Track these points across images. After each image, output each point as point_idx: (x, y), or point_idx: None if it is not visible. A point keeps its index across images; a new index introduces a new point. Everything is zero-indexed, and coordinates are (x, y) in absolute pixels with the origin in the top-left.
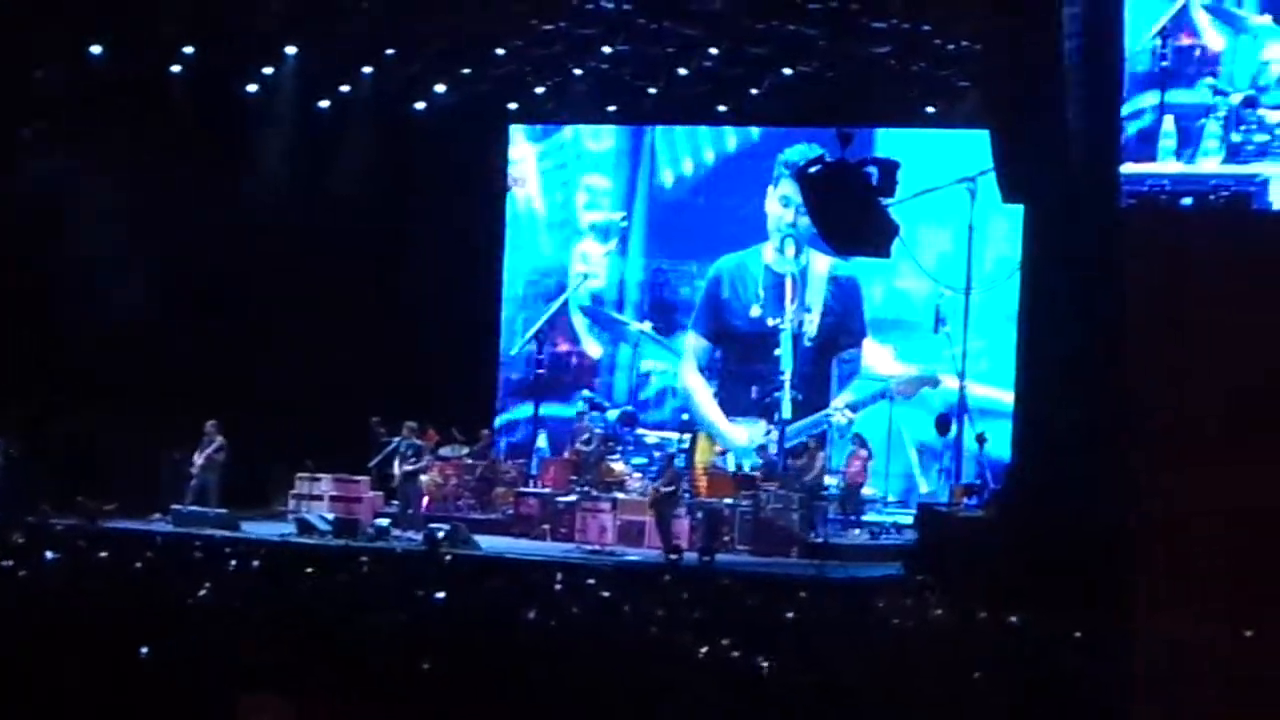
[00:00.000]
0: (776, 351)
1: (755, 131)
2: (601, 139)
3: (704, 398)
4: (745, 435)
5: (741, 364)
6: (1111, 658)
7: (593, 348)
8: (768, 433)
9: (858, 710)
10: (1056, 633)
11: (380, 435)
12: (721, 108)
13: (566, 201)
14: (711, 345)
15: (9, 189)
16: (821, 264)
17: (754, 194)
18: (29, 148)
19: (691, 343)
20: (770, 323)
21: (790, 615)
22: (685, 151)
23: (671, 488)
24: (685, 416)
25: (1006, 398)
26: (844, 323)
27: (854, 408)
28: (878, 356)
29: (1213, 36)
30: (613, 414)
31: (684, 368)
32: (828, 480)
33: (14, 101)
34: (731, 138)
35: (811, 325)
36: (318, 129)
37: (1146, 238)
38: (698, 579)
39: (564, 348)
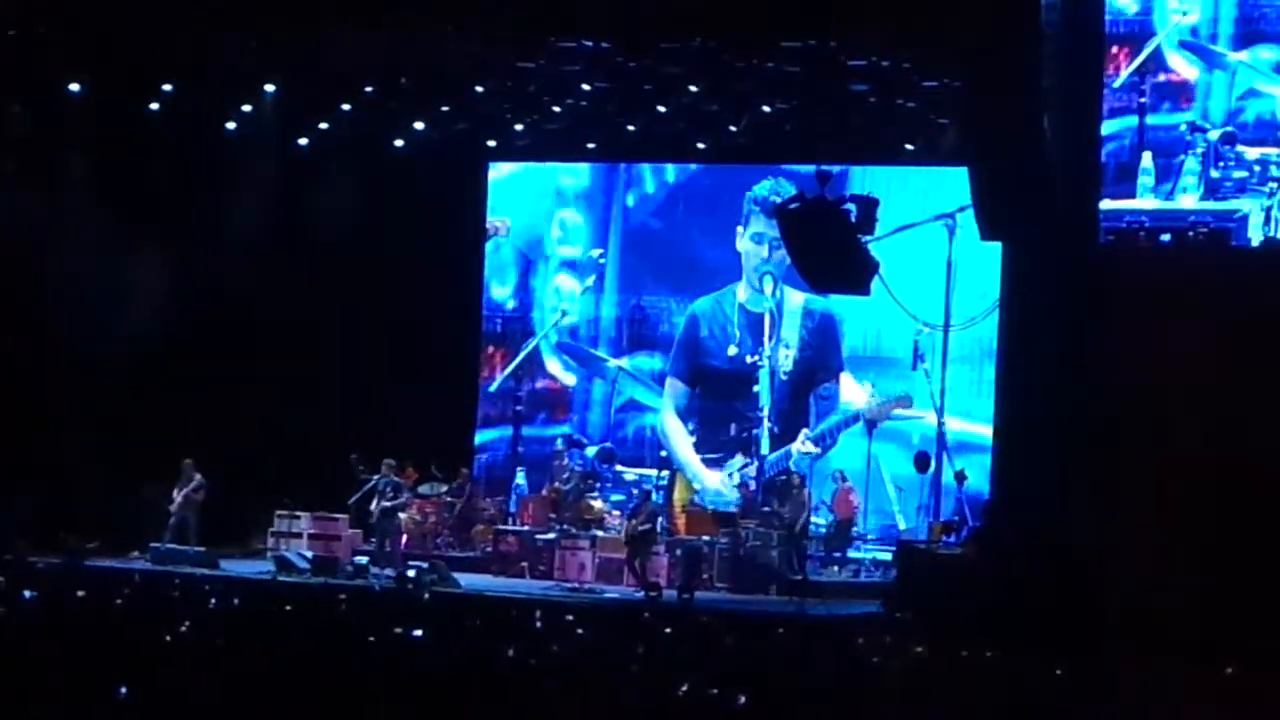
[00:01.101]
0: (755, 388)
1: (733, 169)
2: (575, 174)
3: (681, 441)
4: (719, 479)
5: (719, 403)
6: (1091, 695)
7: (569, 383)
8: (744, 466)
9: None
10: (1036, 670)
11: (360, 473)
12: (700, 145)
13: (541, 237)
14: (689, 388)
15: None
16: (797, 299)
17: (724, 229)
18: (5, 183)
19: (669, 386)
20: (749, 360)
21: (769, 653)
22: (655, 187)
23: (647, 525)
24: (663, 453)
25: (985, 431)
26: (821, 357)
27: (819, 440)
28: (855, 393)
29: (1189, 72)
30: (591, 451)
31: (663, 411)
32: (815, 519)
33: None
34: (700, 173)
35: (788, 360)
36: (297, 165)
37: (1125, 274)
38: (677, 617)
39: (541, 384)
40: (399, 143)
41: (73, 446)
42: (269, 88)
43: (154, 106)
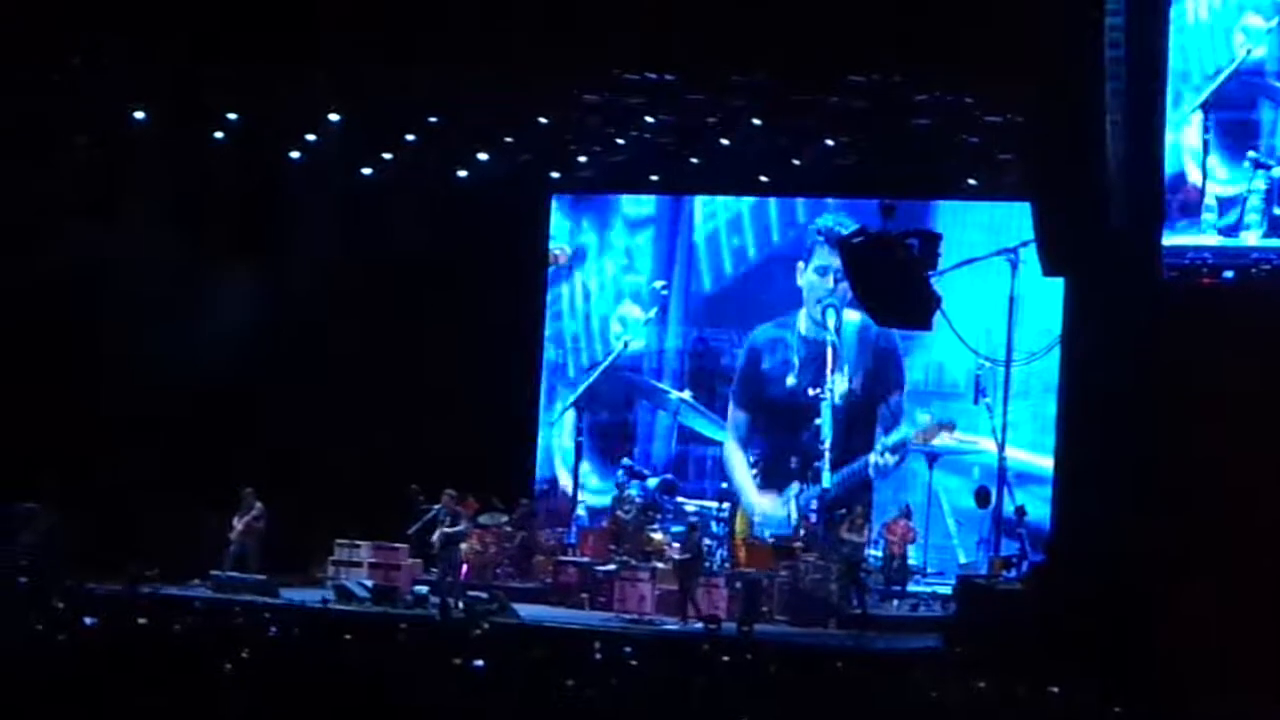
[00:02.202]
0: (817, 421)
1: (798, 202)
2: (640, 205)
3: (741, 470)
4: (774, 504)
5: (780, 434)
6: None
7: (631, 414)
8: (799, 492)
9: None
10: (1095, 707)
11: (419, 503)
12: (763, 178)
13: (605, 267)
14: (750, 416)
15: (52, 253)
16: (853, 316)
17: (787, 263)
18: (72, 212)
19: (731, 415)
20: (811, 392)
21: (828, 687)
22: (718, 220)
23: (687, 555)
24: (724, 485)
25: (1046, 464)
26: (882, 376)
27: (896, 448)
28: (920, 420)
29: (1254, 108)
30: (652, 482)
31: (727, 440)
32: (873, 552)
33: (58, 166)
34: (769, 206)
35: (846, 388)
36: (361, 196)
37: (1187, 310)
38: (736, 649)
39: (603, 414)
40: (463, 173)
41: (135, 473)
42: (334, 118)
43: (219, 136)
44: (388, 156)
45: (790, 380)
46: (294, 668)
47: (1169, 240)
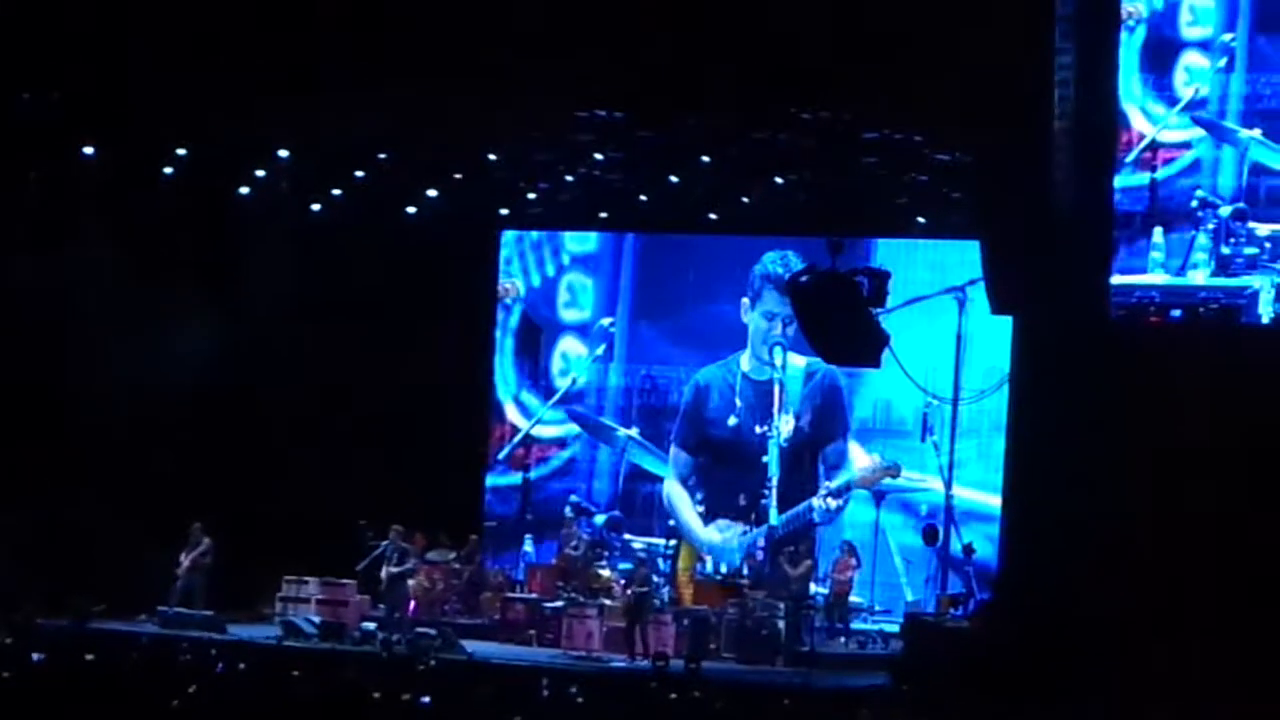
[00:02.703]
0: (764, 459)
1: (746, 240)
2: (583, 241)
3: (685, 506)
4: (720, 537)
5: (725, 472)
6: None
7: (577, 451)
8: (744, 533)
9: None
10: None
11: (368, 538)
12: (712, 215)
13: (550, 303)
14: (692, 457)
15: (1, 287)
16: (798, 362)
17: (735, 299)
18: (22, 247)
19: (673, 455)
20: (757, 430)
21: None
22: (665, 257)
23: (644, 589)
24: (671, 523)
25: (993, 501)
26: (826, 421)
27: (838, 493)
28: (864, 461)
29: (1200, 148)
30: (599, 519)
31: (667, 479)
32: (814, 588)
33: (7, 201)
34: (712, 243)
35: (790, 428)
36: (310, 231)
37: (1135, 349)
38: (684, 686)
39: (550, 451)
40: (411, 210)
41: (81, 508)
42: (282, 153)
43: (168, 171)
44: (337, 192)
45: (733, 420)
46: (241, 704)
47: (1117, 280)
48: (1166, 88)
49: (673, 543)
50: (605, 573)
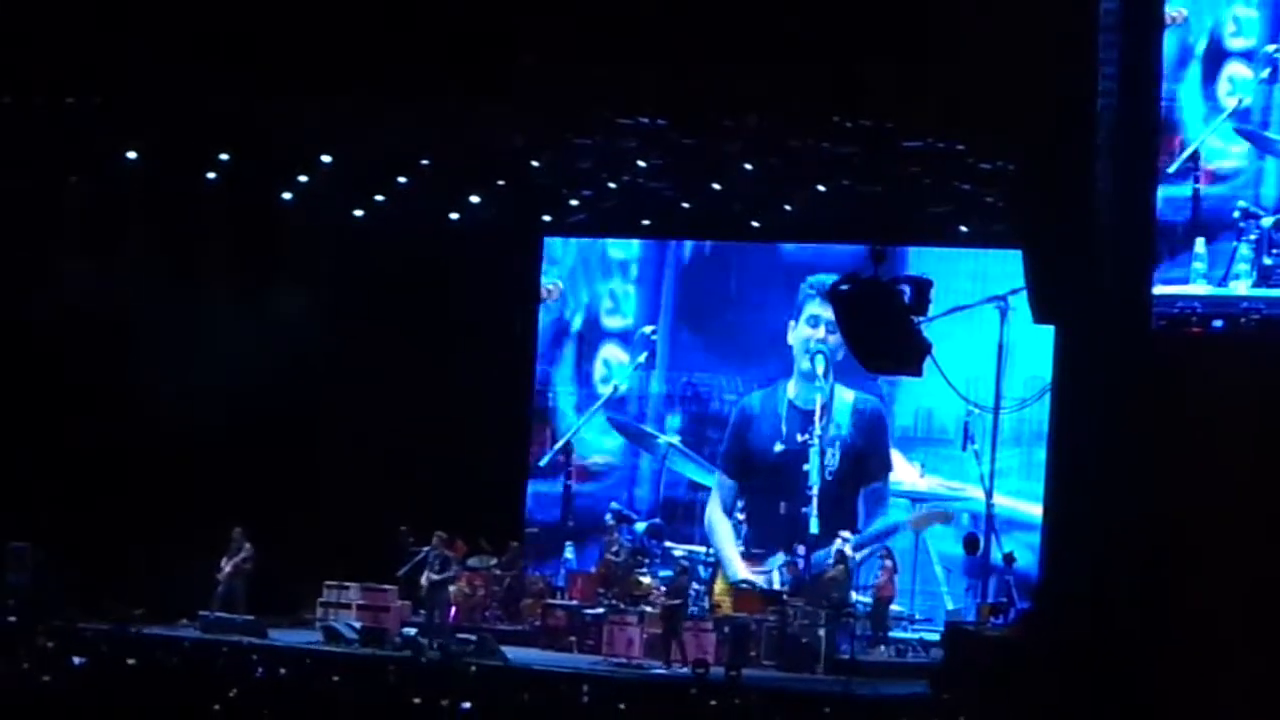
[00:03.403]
0: (805, 466)
1: (788, 248)
2: (625, 248)
3: (725, 536)
4: (760, 578)
5: (767, 498)
6: None
7: (619, 458)
8: (785, 564)
9: None
10: None
11: (409, 544)
12: (755, 223)
13: (592, 309)
14: (735, 482)
15: (43, 296)
16: (847, 396)
17: (777, 307)
18: (64, 255)
19: (716, 481)
20: (799, 438)
21: None
22: (708, 264)
23: (676, 600)
24: (710, 551)
25: (1033, 510)
26: (868, 455)
27: (860, 545)
28: (905, 472)
29: (1242, 158)
30: (640, 526)
31: (710, 505)
32: (855, 596)
33: (49, 209)
34: (753, 250)
35: (834, 455)
36: (352, 236)
37: (1177, 361)
38: (724, 694)
39: (591, 458)
40: (454, 216)
41: (124, 513)
42: (326, 159)
43: (211, 176)
44: (380, 199)
45: (778, 447)
46: (282, 709)
47: (1158, 290)
48: (1211, 97)
49: (713, 551)
50: (646, 580)
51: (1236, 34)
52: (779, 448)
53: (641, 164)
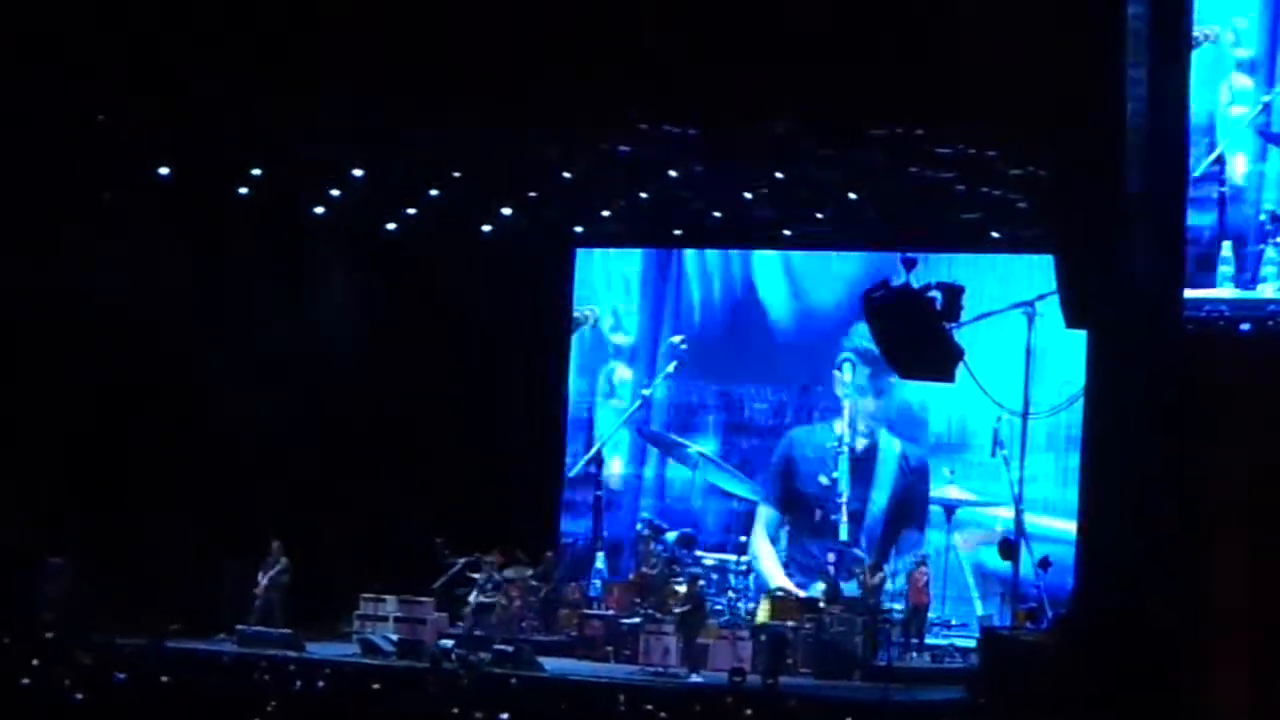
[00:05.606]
0: (835, 474)
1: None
2: (631, 261)
3: (771, 566)
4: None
5: (811, 532)
6: None
7: (651, 468)
8: (825, 589)
9: None
10: None
11: (445, 556)
12: (786, 231)
13: (619, 322)
14: (780, 514)
15: (76, 306)
16: (895, 446)
17: (808, 314)
18: (99, 268)
19: (761, 512)
20: (842, 494)
21: None
22: (737, 273)
23: (686, 607)
24: (743, 539)
25: (1064, 526)
26: (908, 506)
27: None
28: (935, 478)
29: (1271, 161)
30: (671, 536)
31: (755, 536)
32: (892, 605)
33: (83, 222)
34: (785, 259)
35: (876, 506)
36: (384, 249)
37: (1205, 362)
38: (761, 702)
39: (622, 468)
40: (487, 228)
41: (160, 527)
42: (357, 172)
43: (243, 191)
44: (412, 211)
45: (824, 480)
46: None
47: (1187, 294)
48: (1230, 105)
49: (745, 559)
50: (682, 589)
51: (1236, 44)
52: (824, 481)
53: (672, 174)
